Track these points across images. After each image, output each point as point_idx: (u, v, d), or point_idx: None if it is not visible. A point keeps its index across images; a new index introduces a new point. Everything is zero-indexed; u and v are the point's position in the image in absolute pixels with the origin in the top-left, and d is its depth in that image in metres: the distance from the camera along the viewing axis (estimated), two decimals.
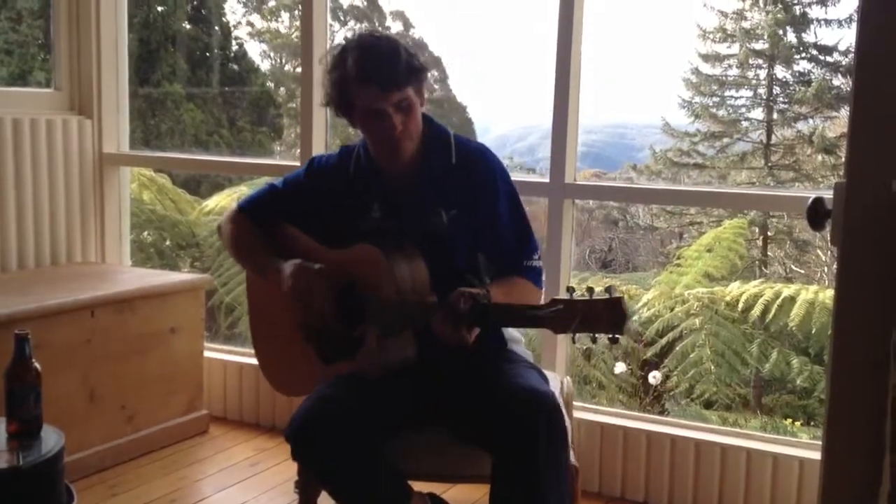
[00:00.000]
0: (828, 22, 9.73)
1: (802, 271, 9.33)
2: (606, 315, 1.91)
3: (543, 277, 2.41)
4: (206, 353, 3.77)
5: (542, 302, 2.01)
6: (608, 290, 1.92)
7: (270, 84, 10.40)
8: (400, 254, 2.23)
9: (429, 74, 2.34)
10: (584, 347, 6.06)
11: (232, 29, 10.02)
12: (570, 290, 1.96)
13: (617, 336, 1.92)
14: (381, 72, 2.20)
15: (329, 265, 2.29)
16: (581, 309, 1.92)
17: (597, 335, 1.95)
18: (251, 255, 2.47)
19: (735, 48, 9.99)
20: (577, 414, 3.08)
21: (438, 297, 2.17)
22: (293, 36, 10.23)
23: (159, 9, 8.83)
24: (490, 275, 2.35)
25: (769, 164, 9.74)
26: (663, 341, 6.30)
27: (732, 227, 6.97)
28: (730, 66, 10.07)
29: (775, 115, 9.91)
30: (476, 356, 2.21)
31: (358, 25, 11.31)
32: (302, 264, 2.28)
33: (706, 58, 10.12)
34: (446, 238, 2.31)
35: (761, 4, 9.87)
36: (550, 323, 1.96)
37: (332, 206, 2.40)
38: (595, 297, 1.92)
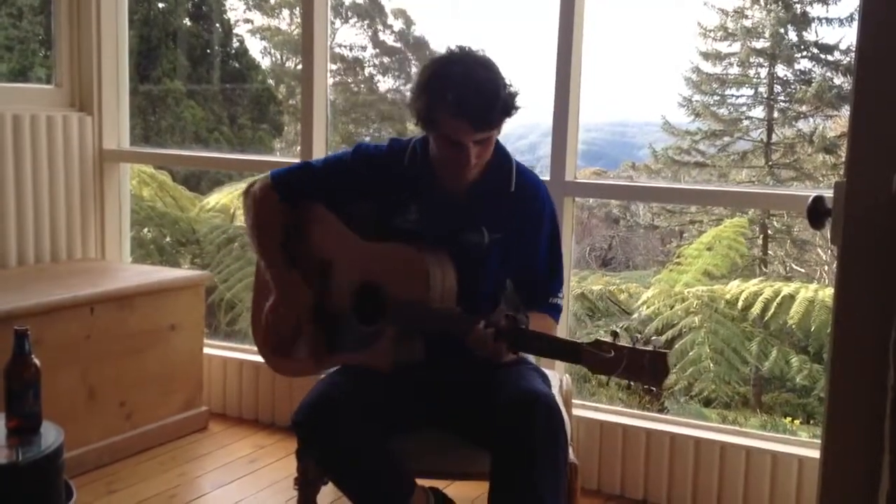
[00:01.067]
0: (829, 21, 9.73)
1: (802, 270, 9.34)
2: (649, 367, 1.93)
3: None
4: (206, 350, 3.77)
5: (586, 340, 2.03)
6: (652, 342, 1.96)
7: (271, 81, 10.41)
8: (435, 258, 2.24)
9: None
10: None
11: (233, 26, 10.02)
12: (615, 334, 1.98)
13: (654, 388, 1.96)
14: (477, 112, 2.15)
15: (359, 255, 2.30)
16: (627, 356, 1.94)
17: (633, 382, 1.98)
18: (265, 241, 2.43)
19: (736, 47, 9.99)
20: (576, 412, 3.08)
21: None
22: (294, 33, 10.23)
23: (160, 5, 8.83)
24: (509, 303, 2.37)
25: (770, 163, 9.74)
26: (662, 339, 6.30)
27: (733, 225, 6.98)
28: (730, 64, 10.07)
29: (776, 114, 9.91)
30: (480, 359, 2.21)
31: (360, 22, 11.30)
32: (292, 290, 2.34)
33: (707, 56, 10.12)
34: (481, 258, 2.31)
35: (762, 3, 9.87)
36: (592, 362, 1.98)
37: (372, 195, 2.37)
38: (638, 346, 1.95)
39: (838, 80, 9.62)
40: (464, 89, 2.14)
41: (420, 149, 2.36)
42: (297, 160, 3.57)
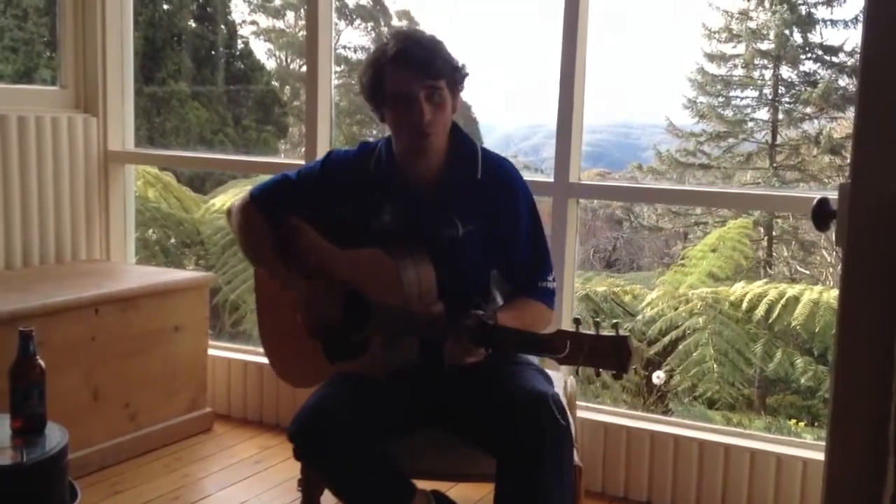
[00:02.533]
0: (834, 22, 9.70)
1: (807, 272, 9.31)
2: (612, 352, 1.88)
3: (556, 298, 2.40)
4: (210, 352, 3.78)
5: (549, 331, 2.01)
6: (615, 326, 1.91)
7: (276, 83, 10.41)
8: (409, 259, 2.23)
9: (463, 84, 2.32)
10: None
11: (237, 27, 10.03)
12: (577, 322, 1.95)
13: (621, 373, 1.90)
14: (417, 57, 2.21)
15: (336, 265, 2.30)
16: (587, 344, 1.90)
17: (600, 370, 1.94)
18: (257, 249, 2.46)
19: (741, 48, 9.96)
20: (580, 414, 3.08)
21: (445, 307, 2.18)
22: (299, 35, 10.24)
23: (165, 7, 8.84)
24: (502, 292, 2.36)
25: (774, 165, 9.72)
26: (666, 340, 6.30)
27: (737, 226, 6.96)
28: (735, 66, 10.04)
29: (781, 116, 9.88)
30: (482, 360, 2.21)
31: (364, 24, 11.31)
32: (305, 290, 2.29)
33: (711, 57, 10.09)
34: (458, 250, 2.30)
35: (767, 4, 9.84)
36: (555, 353, 1.95)
37: (345, 202, 2.38)
38: (602, 332, 1.91)
39: (843, 81, 9.59)
40: (403, 42, 2.24)
41: (385, 151, 2.37)
42: (301, 161, 3.58)
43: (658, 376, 6.21)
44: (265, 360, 2.55)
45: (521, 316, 2.19)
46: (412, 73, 2.21)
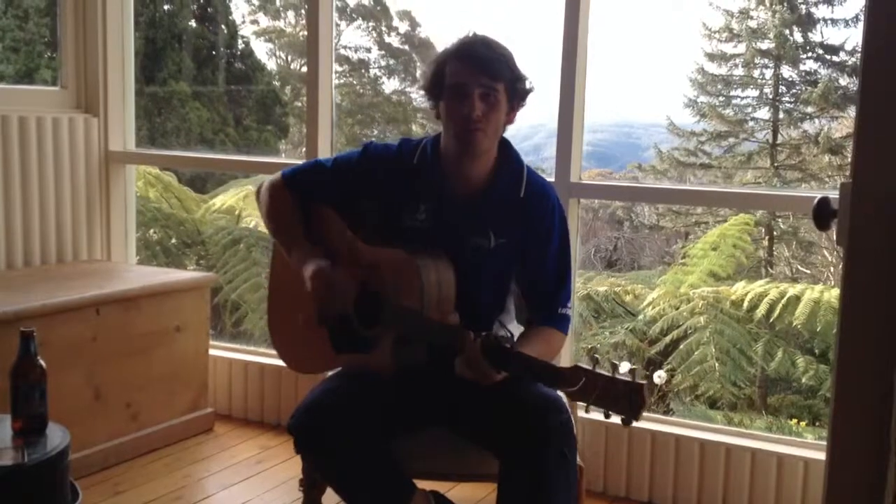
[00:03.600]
0: (834, 21, 9.70)
1: (808, 271, 9.31)
2: (625, 398, 1.85)
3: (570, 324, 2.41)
4: (211, 352, 3.78)
5: (566, 364, 2.00)
6: (632, 372, 1.87)
7: (276, 83, 10.41)
8: (432, 263, 2.22)
9: (525, 100, 2.33)
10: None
11: (238, 27, 10.03)
12: (595, 360, 1.93)
13: (631, 420, 1.86)
14: (480, 54, 2.23)
15: (359, 257, 2.29)
16: (601, 386, 1.88)
17: (610, 413, 1.91)
18: (285, 231, 2.42)
19: (741, 47, 9.96)
20: (581, 413, 3.08)
21: (460, 316, 2.18)
22: (299, 35, 10.24)
23: (165, 7, 8.84)
24: (518, 307, 2.37)
25: (775, 164, 9.72)
26: (667, 339, 6.30)
27: (738, 223, 6.95)
28: (736, 65, 10.04)
29: (781, 115, 9.89)
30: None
31: (365, 24, 11.31)
32: (323, 270, 2.24)
33: (712, 57, 10.09)
34: (484, 262, 2.30)
35: (767, 4, 9.84)
36: (568, 389, 1.93)
37: (378, 195, 2.36)
38: (618, 375, 1.87)
39: (844, 80, 9.58)
40: (470, 40, 2.27)
41: (431, 148, 2.35)
42: (301, 162, 3.58)
43: (659, 376, 6.20)
44: (266, 361, 2.55)
45: (538, 347, 2.17)
46: (472, 68, 2.22)
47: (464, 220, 2.30)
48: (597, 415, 1.92)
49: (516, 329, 2.35)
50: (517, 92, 2.28)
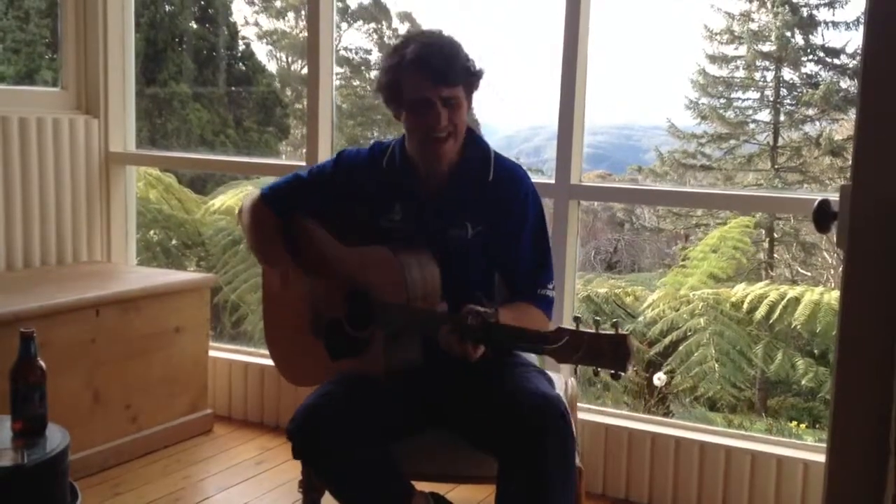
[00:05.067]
0: (835, 24, 9.70)
1: (809, 274, 9.31)
2: (610, 351, 1.87)
3: (554, 309, 2.40)
4: (211, 353, 3.77)
5: (549, 329, 2.00)
6: (615, 325, 1.89)
7: (277, 84, 10.41)
8: (414, 259, 2.24)
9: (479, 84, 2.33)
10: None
11: (239, 29, 10.03)
12: (577, 320, 1.94)
13: (620, 373, 1.88)
14: (437, 64, 2.22)
15: (343, 262, 2.30)
16: (586, 341, 1.89)
17: (599, 369, 1.92)
18: (266, 247, 2.46)
19: (742, 50, 9.97)
20: (581, 415, 3.08)
21: (448, 308, 2.18)
22: (300, 36, 10.24)
23: (166, 8, 8.85)
24: (502, 296, 2.36)
25: (776, 167, 9.72)
26: (667, 341, 6.30)
27: (738, 224, 6.95)
28: (737, 67, 10.05)
29: (782, 117, 9.89)
30: (482, 361, 2.21)
31: (365, 25, 11.31)
32: (305, 281, 2.28)
33: (713, 59, 10.10)
34: (466, 252, 2.31)
35: (769, 6, 9.85)
36: (553, 351, 1.94)
37: (356, 200, 2.40)
38: (601, 330, 1.89)
39: (845, 83, 9.59)
40: (423, 48, 2.24)
41: (399, 149, 2.38)
42: (302, 163, 3.58)
43: (659, 378, 6.21)
44: (266, 362, 2.56)
45: (519, 317, 2.17)
46: (430, 81, 2.22)
47: (439, 214, 2.33)
48: (596, 416, 1.92)
49: None
50: (473, 85, 2.31)
